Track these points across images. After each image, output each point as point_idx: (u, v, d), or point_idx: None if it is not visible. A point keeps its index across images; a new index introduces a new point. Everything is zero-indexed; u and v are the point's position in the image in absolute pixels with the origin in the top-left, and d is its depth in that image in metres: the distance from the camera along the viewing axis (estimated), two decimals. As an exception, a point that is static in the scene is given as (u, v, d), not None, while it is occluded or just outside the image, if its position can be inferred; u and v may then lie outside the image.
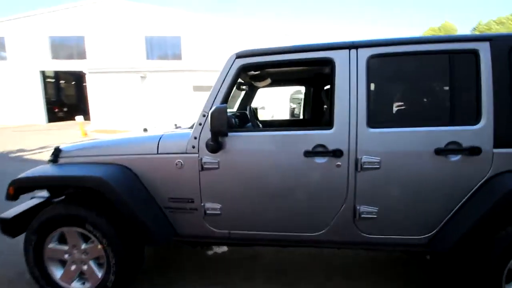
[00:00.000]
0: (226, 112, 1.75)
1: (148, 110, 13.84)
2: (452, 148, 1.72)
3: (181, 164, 1.93)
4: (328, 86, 3.38)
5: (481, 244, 1.72)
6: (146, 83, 14.41)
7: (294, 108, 17.36)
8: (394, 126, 1.79)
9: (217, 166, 1.90)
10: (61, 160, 2.14)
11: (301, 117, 4.35)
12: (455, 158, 1.72)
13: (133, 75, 14.21)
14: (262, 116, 15.22)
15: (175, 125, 2.69)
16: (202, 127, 1.92)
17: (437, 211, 1.78)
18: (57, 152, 2.13)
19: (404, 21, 67.22)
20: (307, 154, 1.82)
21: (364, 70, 1.79)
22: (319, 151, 1.82)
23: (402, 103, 1.90)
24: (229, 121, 1.91)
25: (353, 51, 1.81)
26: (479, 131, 1.70)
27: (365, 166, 1.78)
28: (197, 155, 1.92)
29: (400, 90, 1.93)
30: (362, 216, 1.82)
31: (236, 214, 1.96)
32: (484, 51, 1.70)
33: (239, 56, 1.91)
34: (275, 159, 1.88)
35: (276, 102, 15.00)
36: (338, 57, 1.82)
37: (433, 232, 1.80)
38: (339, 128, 1.80)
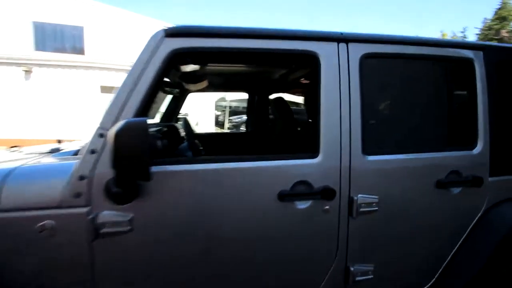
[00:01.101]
0: (147, 130, 0.94)
1: (36, 113, 10.89)
2: (453, 179, 1.36)
3: (52, 229, 0.99)
4: (275, 95, 2.87)
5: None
6: (32, 80, 11.37)
7: (218, 116, 16.77)
8: (394, 152, 1.32)
9: (127, 229, 1.04)
10: None
11: (244, 129, 3.64)
12: (456, 190, 1.37)
13: (13, 69, 11.00)
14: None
15: (55, 148, 1.56)
16: (98, 158, 1.03)
17: (438, 254, 1.43)
18: None
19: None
20: (283, 197, 1.17)
21: (357, 73, 1.26)
22: (300, 192, 1.19)
23: (402, 121, 1.46)
24: (152, 146, 1.10)
25: (342, 45, 1.27)
26: (477, 157, 1.40)
27: (361, 209, 1.24)
28: (85, 209, 1.02)
29: (400, 104, 1.49)
30: (357, 279, 1.28)
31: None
32: (478, 61, 1.42)
33: (170, 34, 1.12)
34: (239, 208, 1.16)
35: (200, 108, 14.13)
36: (324, 52, 1.24)
37: (433, 280, 1.42)
38: (327, 155, 1.22)
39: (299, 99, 4.95)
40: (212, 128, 14.82)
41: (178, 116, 2.87)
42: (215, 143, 2.90)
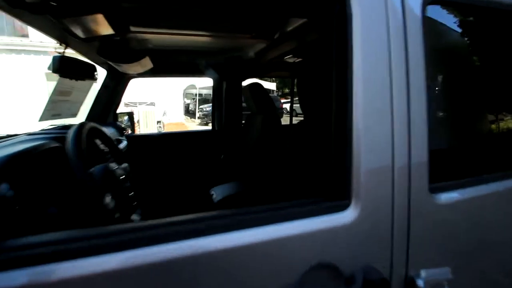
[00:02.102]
0: None
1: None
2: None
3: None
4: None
5: None
6: (-43, 65, 9.53)
7: (188, 105, 15.69)
8: (473, 184, 0.72)
9: None
10: None
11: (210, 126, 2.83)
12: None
13: None
14: (151, 117, 12.88)
15: None
16: None
17: None
18: None
19: None
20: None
21: (420, 32, 0.63)
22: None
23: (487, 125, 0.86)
24: None
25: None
26: None
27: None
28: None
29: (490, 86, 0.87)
30: None
31: None
32: None
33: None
34: None
35: (167, 97, 12.98)
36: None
37: None
38: (369, 204, 0.58)
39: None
40: (181, 118, 13.75)
41: (117, 112, 2.09)
42: (168, 147, 2.18)
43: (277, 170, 1.27)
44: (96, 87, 1.98)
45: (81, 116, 1.93)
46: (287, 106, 14.05)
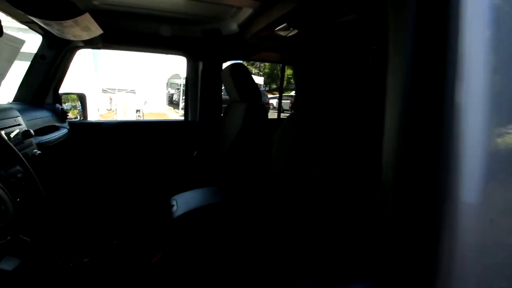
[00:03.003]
0: None
1: None
2: None
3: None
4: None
5: None
6: None
7: (172, 95, 15.07)
8: None
9: None
10: None
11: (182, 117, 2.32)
12: None
13: None
14: (130, 105, 12.17)
15: None
16: None
17: None
18: None
19: None
20: None
21: None
22: None
23: None
24: None
25: None
26: None
27: None
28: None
29: None
30: None
31: None
32: None
33: None
34: None
35: (149, 86, 12.31)
36: None
37: None
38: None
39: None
40: (164, 108, 13.08)
41: (60, 92, 1.63)
42: (127, 138, 1.76)
43: (262, 175, 0.91)
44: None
45: (6, 95, 1.48)
46: (273, 101, 13.68)
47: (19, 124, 0.95)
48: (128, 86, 13.30)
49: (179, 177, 1.78)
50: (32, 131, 0.99)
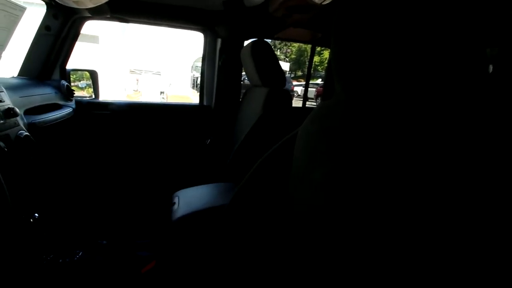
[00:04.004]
0: None
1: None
2: None
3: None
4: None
5: None
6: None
7: (197, 78, 15.10)
8: None
9: None
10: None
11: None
12: None
13: None
14: (154, 85, 12.37)
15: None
16: None
17: None
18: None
19: None
20: None
21: None
22: None
23: None
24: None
25: None
26: None
27: None
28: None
29: None
30: None
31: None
32: None
33: None
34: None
35: (174, 68, 12.36)
36: None
37: None
38: None
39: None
40: (189, 91, 13.06)
41: (68, 68, 1.51)
42: (135, 121, 1.63)
43: (283, 176, 0.70)
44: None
45: (11, 69, 1.38)
46: (298, 89, 13.14)
47: (0, 101, 0.82)
48: (154, 68, 13.45)
49: (188, 167, 1.62)
50: (16, 109, 0.86)
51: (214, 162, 1.52)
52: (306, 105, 2.21)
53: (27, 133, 0.89)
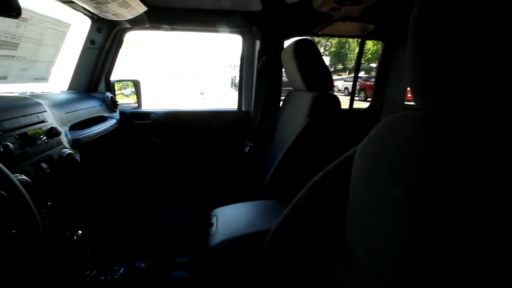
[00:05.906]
0: None
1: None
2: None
3: None
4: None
5: None
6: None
7: (235, 77, 15.35)
8: None
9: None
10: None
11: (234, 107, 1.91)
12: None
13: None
14: (195, 86, 12.84)
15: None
16: None
17: None
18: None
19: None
20: None
21: None
22: None
23: None
24: None
25: None
26: None
27: None
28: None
29: None
30: None
31: None
32: None
33: None
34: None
35: (213, 69, 12.68)
36: None
37: None
38: None
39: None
40: (228, 91, 13.24)
41: (112, 79, 1.55)
42: (173, 130, 1.61)
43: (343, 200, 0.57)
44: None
45: (61, 82, 1.44)
46: (338, 83, 12.42)
47: (43, 121, 0.82)
48: (194, 70, 13.96)
49: (227, 178, 1.56)
50: (59, 128, 0.86)
51: (253, 173, 1.43)
52: (353, 107, 2.01)
53: (70, 151, 0.90)
